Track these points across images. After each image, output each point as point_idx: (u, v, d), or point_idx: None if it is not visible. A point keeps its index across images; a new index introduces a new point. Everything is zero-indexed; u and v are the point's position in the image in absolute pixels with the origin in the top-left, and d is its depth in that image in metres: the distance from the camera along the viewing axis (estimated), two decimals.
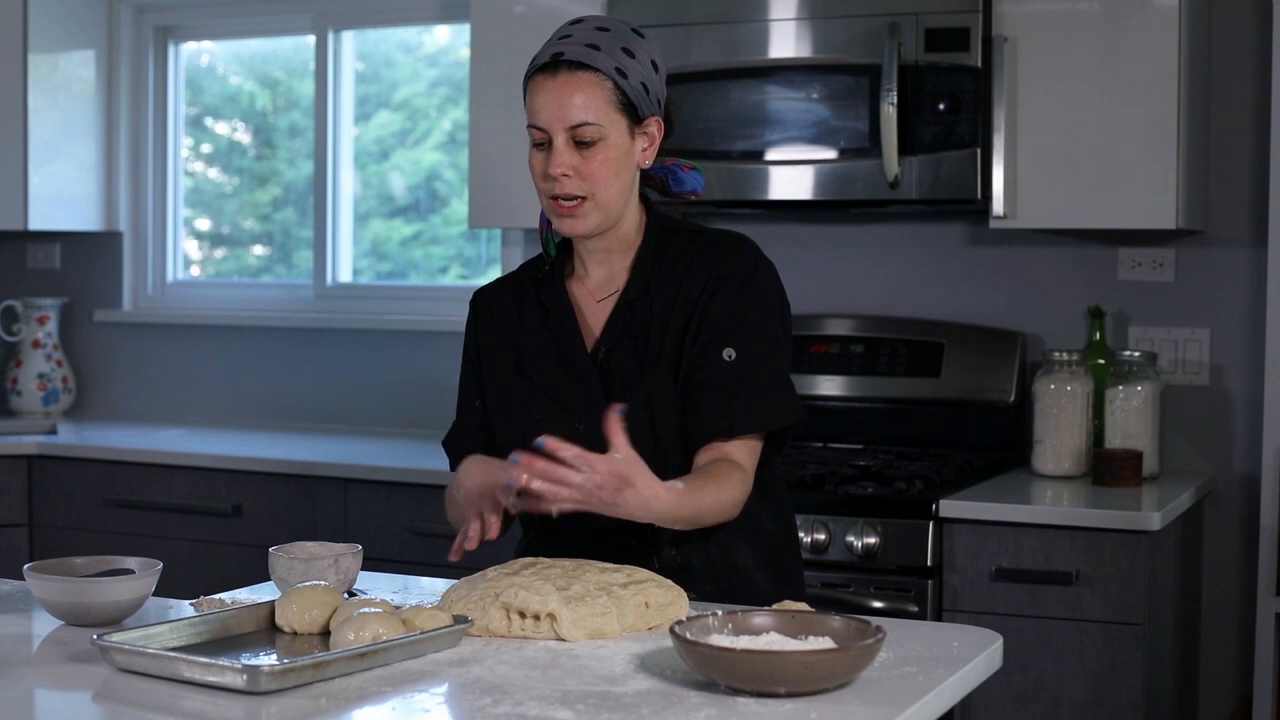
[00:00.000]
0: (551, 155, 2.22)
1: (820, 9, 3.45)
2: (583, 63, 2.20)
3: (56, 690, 1.75)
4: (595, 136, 2.21)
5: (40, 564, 2.05)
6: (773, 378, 2.26)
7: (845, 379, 3.77)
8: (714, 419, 2.22)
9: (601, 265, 2.33)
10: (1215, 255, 3.62)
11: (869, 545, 3.16)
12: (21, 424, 4.43)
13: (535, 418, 2.28)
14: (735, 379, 2.22)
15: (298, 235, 4.72)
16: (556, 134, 2.21)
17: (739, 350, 2.23)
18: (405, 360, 4.38)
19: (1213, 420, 3.62)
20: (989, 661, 1.93)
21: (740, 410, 2.22)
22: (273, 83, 4.76)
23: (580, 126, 2.20)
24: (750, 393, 2.23)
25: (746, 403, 2.22)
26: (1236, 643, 3.59)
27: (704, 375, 2.23)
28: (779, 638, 1.77)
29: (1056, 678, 3.09)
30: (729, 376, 2.22)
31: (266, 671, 1.66)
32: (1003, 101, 3.35)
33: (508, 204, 3.83)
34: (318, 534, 3.70)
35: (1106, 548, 3.06)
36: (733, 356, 2.23)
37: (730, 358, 2.23)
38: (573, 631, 1.90)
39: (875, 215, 3.85)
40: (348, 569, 2.15)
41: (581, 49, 2.21)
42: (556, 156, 2.21)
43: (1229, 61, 3.59)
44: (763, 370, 2.25)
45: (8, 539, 4.07)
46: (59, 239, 4.84)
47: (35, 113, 4.48)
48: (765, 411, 2.24)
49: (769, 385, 2.25)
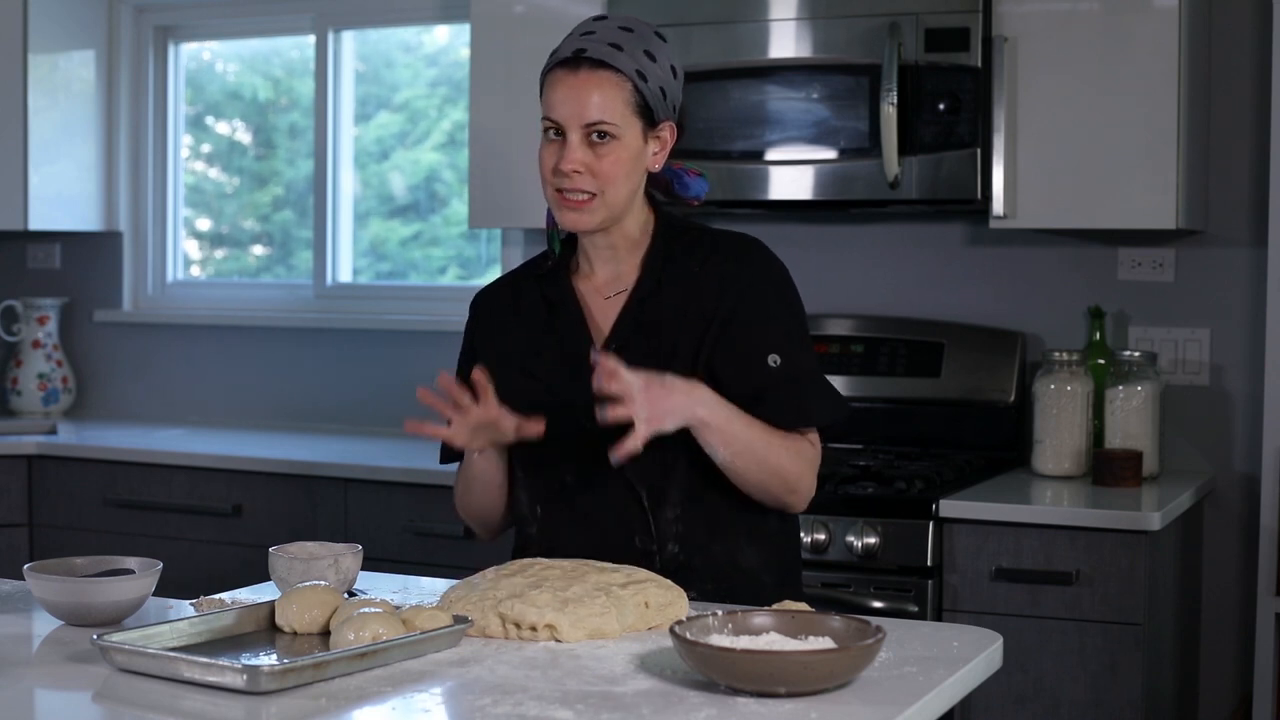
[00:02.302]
0: (565, 150, 2.22)
1: (820, 9, 3.44)
2: (605, 62, 2.20)
3: (56, 690, 1.75)
4: (610, 135, 2.21)
5: (40, 564, 2.05)
6: (816, 376, 2.32)
7: (845, 379, 3.77)
8: (785, 415, 2.25)
9: (608, 263, 2.33)
10: (1215, 255, 3.62)
11: (869, 545, 3.16)
12: (21, 424, 4.43)
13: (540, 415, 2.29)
14: (788, 380, 2.26)
15: (298, 235, 4.72)
16: (571, 130, 2.21)
17: (782, 355, 2.26)
18: (405, 360, 4.38)
19: (1213, 420, 3.62)
20: (989, 661, 1.93)
21: (805, 405, 2.27)
22: (273, 80, 4.76)
23: (596, 124, 2.21)
24: (807, 392, 2.28)
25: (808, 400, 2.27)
26: (1236, 643, 3.59)
27: (758, 382, 2.25)
28: (779, 638, 1.77)
29: (1056, 678, 3.09)
30: (781, 379, 2.25)
31: (266, 671, 1.66)
32: (1003, 101, 3.35)
33: (507, 204, 3.83)
34: (318, 534, 3.70)
35: (1106, 548, 3.06)
36: (778, 362, 2.26)
37: (776, 363, 2.26)
38: (572, 632, 1.90)
39: (875, 215, 3.85)
40: (348, 569, 2.15)
41: (605, 48, 2.21)
42: (570, 152, 2.21)
43: (1229, 61, 3.59)
44: (809, 371, 2.30)
45: (8, 539, 4.07)
46: (59, 239, 4.84)
47: (35, 113, 4.48)
48: (826, 407, 2.30)
49: (818, 384, 2.32)
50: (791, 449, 2.26)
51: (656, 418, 2.11)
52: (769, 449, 2.22)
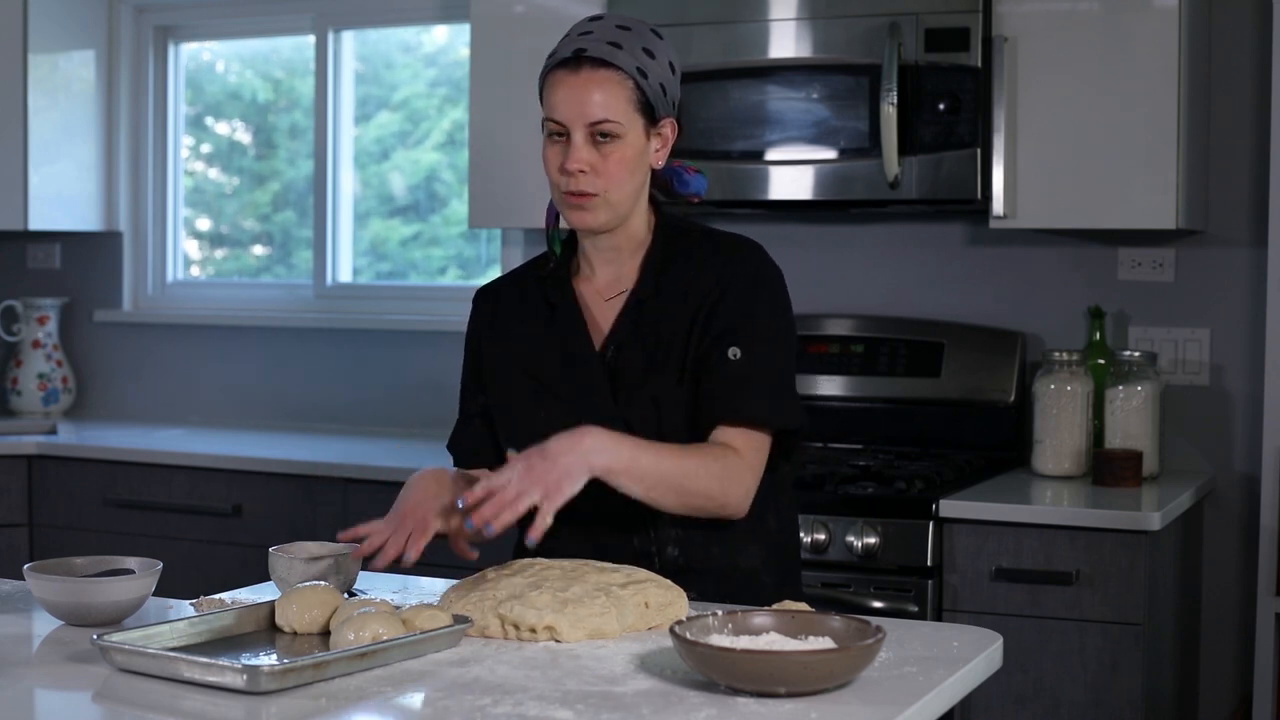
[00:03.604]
0: (570, 151, 2.21)
1: (820, 9, 3.44)
2: (606, 60, 2.20)
3: (56, 690, 1.75)
4: (614, 134, 2.21)
5: (40, 564, 2.05)
6: (778, 379, 2.27)
7: (845, 379, 3.77)
8: (717, 405, 2.22)
9: (609, 264, 2.33)
10: (1215, 255, 3.62)
11: (869, 545, 3.16)
12: (21, 424, 4.43)
13: (540, 415, 2.29)
14: (740, 375, 2.23)
15: (298, 235, 4.72)
16: (575, 130, 2.21)
17: (744, 350, 2.23)
18: (405, 360, 4.38)
19: (1213, 420, 3.62)
20: (989, 661, 1.93)
21: (744, 400, 2.22)
22: (273, 81, 4.76)
23: (600, 124, 2.20)
24: (755, 389, 2.23)
25: (751, 395, 2.22)
26: (1236, 643, 3.59)
27: (710, 372, 2.23)
28: (779, 638, 1.77)
29: (1056, 678, 3.09)
30: (734, 373, 2.23)
31: (266, 671, 1.66)
32: (1003, 101, 3.35)
33: (507, 204, 3.83)
34: (318, 534, 3.70)
35: (1106, 548, 3.06)
36: (738, 355, 2.23)
37: (735, 356, 2.23)
38: (572, 632, 1.90)
39: (875, 215, 3.85)
40: (348, 569, 2.15)
41: (604, 46, 2.21)
42: (574, 152, 2.21)
43: (1229, 62, 3.59)
44: (769, 371, 2.25)
45: (8, 539, 4.07)
46: (59, 239, 4.84)
47: (35, 113, 4.48)
48: (768, 408, 2.24)
49: (774, 386, 2.25)
50: (712, 468, 2.18)
51: (553, 490, 2.04)
52: (684, 476, 2.16)
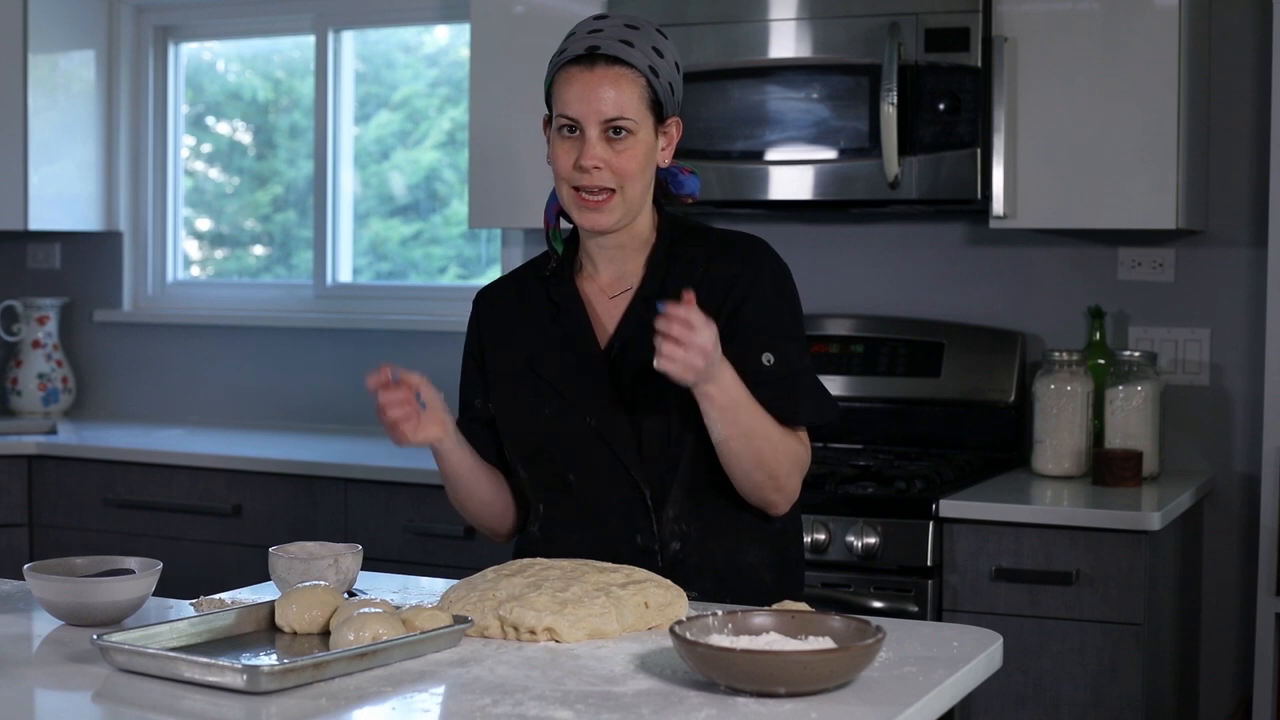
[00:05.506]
0: (584, 147, 2.21)
1: (820, 9, 3.44)
2: (620, 58, 2.21)
3: (56, 690, 1.75)
4: (628, 131, 2.21)
5: (40, 564, 2.05)
6: (811, 377, 2.32)
7: (845, 379, 3.77)
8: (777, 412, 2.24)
9: (613, 263, 2.33)
10: (1215, 255, 3.62)
11: (869, 545, 3.16)
12: (21, 424, 4.43)
13: (545, 414, 2.29)
14: (782, 380, 2.25)
15: (298, 235, 4.72)
16: (590, 126, 2.21)
17: (777, 355, 2.26)
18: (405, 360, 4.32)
19: (1213, 420, 3.62)
20: (989, 661, 1.93)
21: (794, 405, 2.26)
22: (273, 80, 4.76)
23: (615, 120, 2.21)
24: (801, 391, 2.27)
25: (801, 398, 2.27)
26: (1236, 643, 3.59)
27: (752, 379, 2.23)
28: (779, 638, 1.77)
29: (1056, 678, 3.09)
30: (774, 377, 2.25)
31: (266, 671, 1.66)
32: (1003, 101, 3.35)
33: (508, 204, 3.83)
34: (318, 534, 3.70)
35: (1106, 548, 3.06)
36: (771, 361, 2.25)
37: (769, 362, 2.25)
38: (571, 633, 1.90)
39: (875, 215, 3.85)
40: (348, 569, 2.15)
41: (617, 44, 2.22)
42: (589, 148, 2.21)
43: (1229, 61, 3.59)
44: (804, 370, 2.30)
45: (8, 539, 4.07)
46: (59, 239, 4.84)
47: (35, 113, 4.48)
48: (814, 408, 2.29)
49: (811, 384, 2.31)
50: (793, 451, 2.26)
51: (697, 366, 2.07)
52: (770, 444, 2.21)
